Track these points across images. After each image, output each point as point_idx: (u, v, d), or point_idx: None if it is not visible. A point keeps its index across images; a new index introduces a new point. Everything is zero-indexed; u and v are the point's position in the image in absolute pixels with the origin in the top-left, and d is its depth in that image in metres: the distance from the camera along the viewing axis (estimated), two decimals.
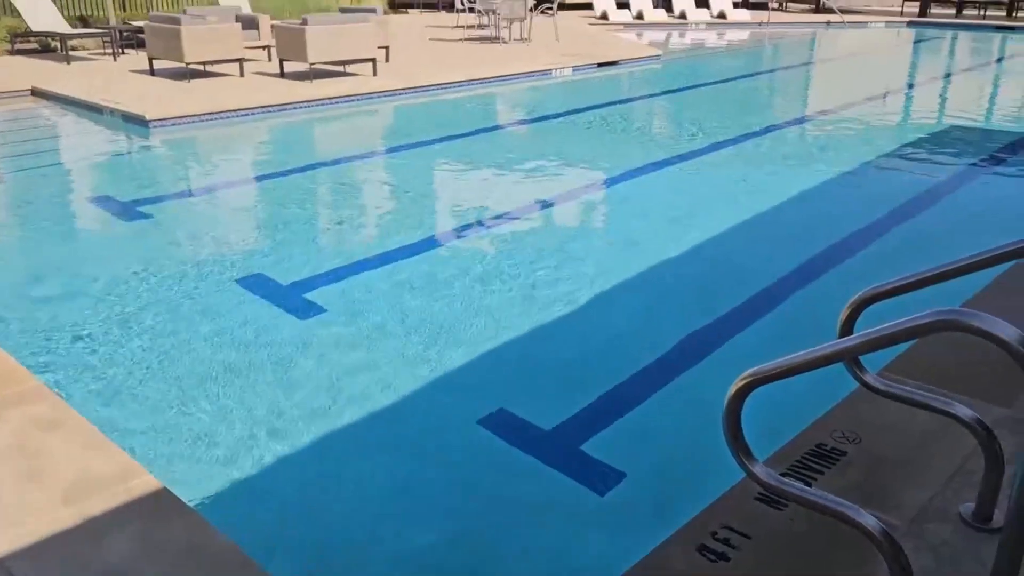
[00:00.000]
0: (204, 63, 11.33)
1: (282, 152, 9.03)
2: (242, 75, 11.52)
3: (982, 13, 22.33)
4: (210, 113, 9.36)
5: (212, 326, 4.33)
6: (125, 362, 3.93)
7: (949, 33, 20.70)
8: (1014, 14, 22.07)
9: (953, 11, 23.08)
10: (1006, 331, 1.61)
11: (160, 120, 8.96)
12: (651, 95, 12.77)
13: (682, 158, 8.28)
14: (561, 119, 10.40)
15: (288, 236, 5.91)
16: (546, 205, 6.79)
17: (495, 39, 16.31)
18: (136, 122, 9.03)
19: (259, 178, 7.93)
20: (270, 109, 9.81)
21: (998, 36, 19.89)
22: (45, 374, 3.69)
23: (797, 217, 6.44)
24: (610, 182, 7.62)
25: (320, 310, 4.51)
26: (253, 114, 9.66)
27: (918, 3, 22.74)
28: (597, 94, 12.22)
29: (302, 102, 10.11)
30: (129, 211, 6.38)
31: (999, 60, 17.31)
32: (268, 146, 9.47)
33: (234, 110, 9.53)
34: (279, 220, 6.38)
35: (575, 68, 13.25)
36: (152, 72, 11.75)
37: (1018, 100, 13.12)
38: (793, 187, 7.16)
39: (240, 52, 11.43)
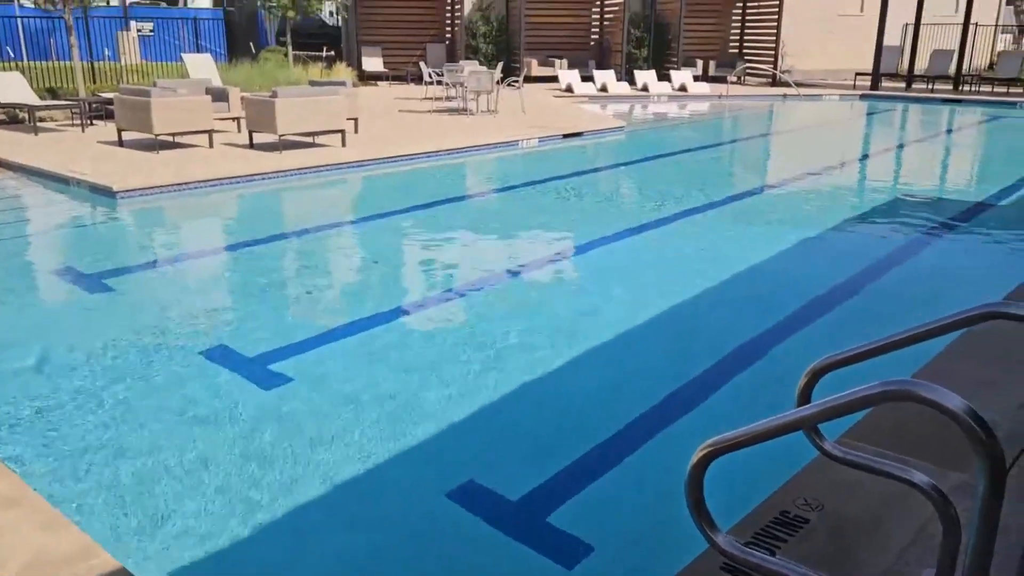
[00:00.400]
0: (173, 134, 11.41)
1: (250, 223, 9.06)
2: (211, 146, 11.61)
3: (930, 87, 23.30)
4: (178, 184, 9.39)
5: (175, 399, 4.28)
6: (85, 438, 3.86)
7: (900, 105, 21.55)
8: (960, 88, 23.07)
9: (903, 84, 24.06)
10: (952, 401, 1.67)
11: (127, 191, 8.97)
12: (616, 165, 13.07)
13: (647, 226, 8.45)
14: (528, 189, 10.59)
15: (254, 307, 5.90)
16: (514, 273, 6.86)
17: (463, 111, 16.65)
18: (103, 193, 9.03)
19: (226, 249, 7.94)
20: (238, 180, 9.87)
21: (946, 108, 20.74)
22: (2, 448, 3.61)
23: (759, 283, 6.58)
24: (577, 250, 7.74)
25: (286, 380, 4.48)
26: (221, 185, 9.71)
27: (870, 77, 23.68)
28: (563, 164, 12.48)
29: (271, 173, 10.20)
30: (93, 283, 6.33)
31: (948, 131, 18.03)
32: (236, 217, 9.50)
33: (203, 181, 9.58)
34: (246, 291, 6.37)
35: (541, 139, 13.54)
36: (121, 143, 11.79)
37: (966, 170, 13.63)
38: (754, 254, 7.32)
39: (209, 124, 11.54)
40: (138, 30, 24.35)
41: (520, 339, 5.22)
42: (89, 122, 13.91)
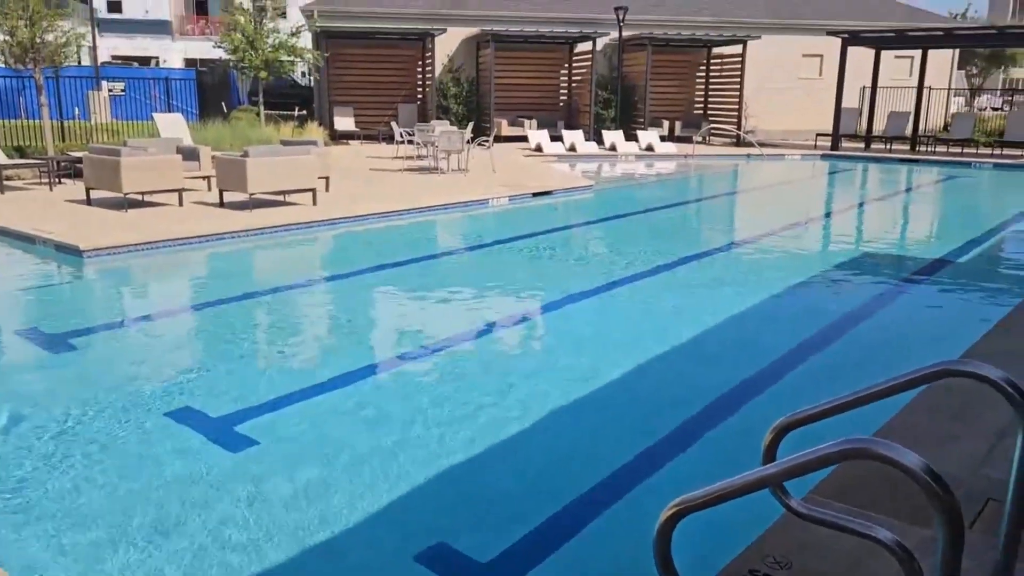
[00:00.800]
0: (142, 193, 11.40)
1: (218, 281, 9.01)
2: (181, 205, 11.60)
3: (888, 147, 24.04)
4: (146, 243, 9.35)
5: (138, 462, 4.20)
6: (47, 502, 3.76)
7: (860, 165, 22.17)
8: (917, 148, 23.83)
9: (862, 145, 24.80)
10: (909, 459, 1.71)
11: (94, 250, 8.90)
12: (585, 223, 13.24)
13: (616, 284, 8.54)
14: (498, 247, 10.68)
15: (221, 367, 5.84)
16: (483, 332, 6.88)
17: (434, 170, 16.84)
18: (70, 252, 8.95)
19: (194, 308, 7.88)
20: (208, 238, 9.85)
21: (904, 168, 21.37)
22: None
23: (727, 340, 6.66)
24: (547, 308, 7.79)
25: (252, 443, 4.43)
26: (190, 244, 9.68)
27: (830, 138, 24.39)
28: (532, 222, 12.62)
29: (240, 231, 10.19)
30: (57, 343, 6.24)
31: (907, 190, 18.55)
32: (204, 276, 9.45)
33: (171, 240, 9.54)
34: (213, 351, 6.31)
35: (511, 197, 13.71)
36: (89, 202, 11.74)
37: (925, 227, 14.01)
38: (722, 311, 7.43)
39: (179, 183, 11.56)
40: (109, 90, 24.45)
41: (490, 399, 5.22)
42: (57, 181, 13.85)
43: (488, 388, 5.41)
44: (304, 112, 28.70)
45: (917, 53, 26.02)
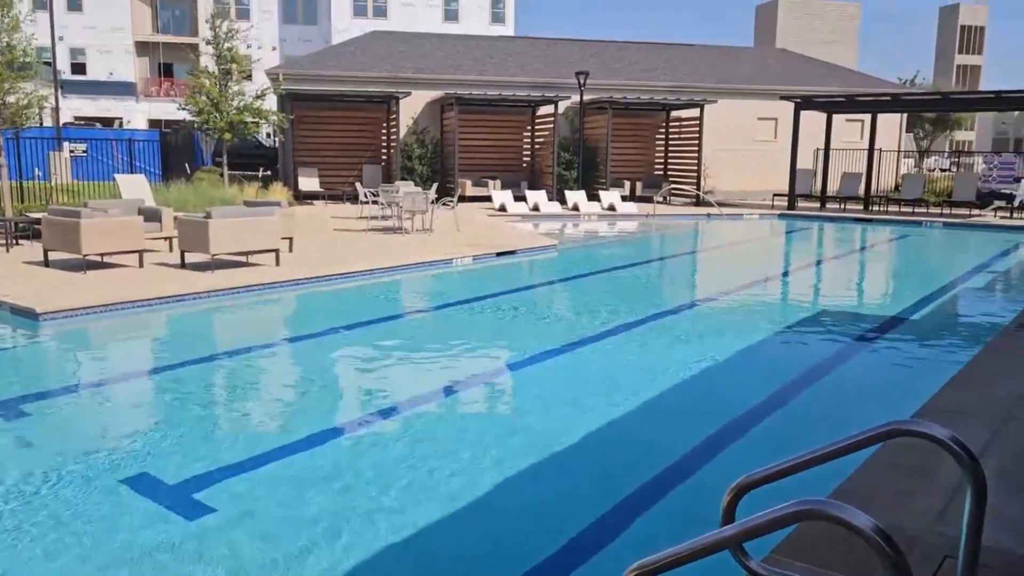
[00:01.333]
0: (102, 255, 11.27)
1: (178, 344, 8.89)
2: (141, 266, 11.49)
3: (842, 206, 24.72)
4: (105, 305, 9.21)
5: (91, 531, 4.08)
6: None
7: (816, 224, 22.73)
8: (869, 208, 24.54)
9: (818, 204, 25.47)
10: (860, 520, 1.75)
11: (51, 313, 8.75)
12: (548, 282, 13.35)
13: (577, 344, 8.59)
14: (462, 307, 10.71)
15: (179, 432, 5.73)
16: (448, 392, 6.86)
17: (398, 230, 16.92)
18: (25, 315, 8.78)
19: (153, 371, 7.75)
20: (168, 300, 9.75)
21: (858, 227, 21.95)
22: None
23: (687, 399, 6.71)
24: (511, 367, 7.80)
25: (209, 510, 4.33)
26: (150, 305, 9.56)
27: (787, 197, 25.03)
28: (496, 282, 12.69)
29: (202, 293, 10.10)
30: (10, 409, 6.09)
31: (861, 248, 19.02)
32: (164, 338, 9.32)
33: (131, 302, 9.42)
34: (172, 415, 6.19)
35: (475, 257, 13.80)
36: (47, 263, 11.58)
37: (881, 285, 14.35)
38: (683, 370, 7.50)
39: (140, 244, 11.47)
40: (71, 151, 24.33)
41: (453, 460, 5.18)
42: (15, 242, 13.66)
43: (452, 449, 5.37)
44: (269, 173, 28.78)
45: (867, 117, 26.99)
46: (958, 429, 4.80)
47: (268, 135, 31.88)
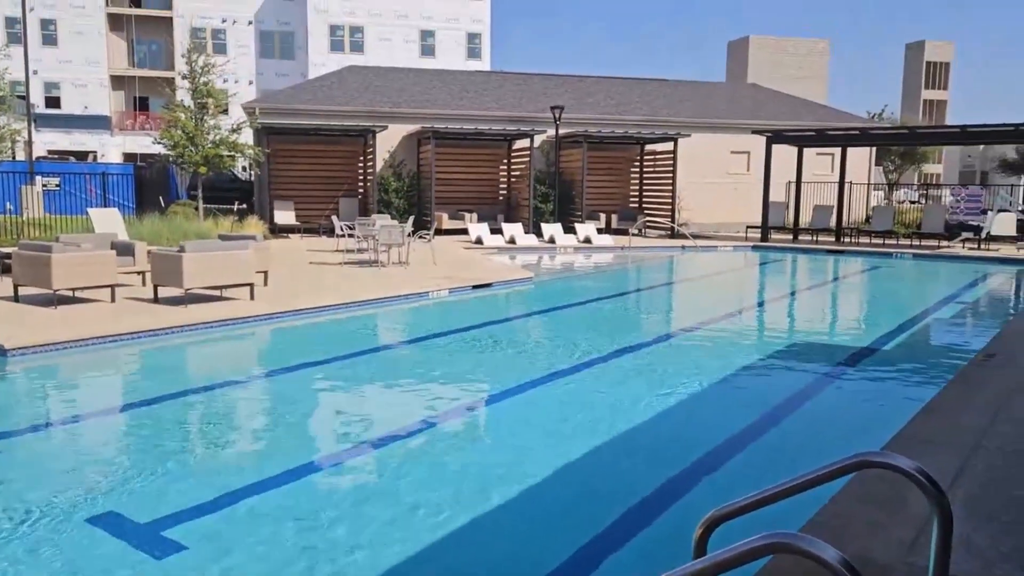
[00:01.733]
0: (73, 289, 11.14)
1: (150, 380, 8.78)
2: (113, 300, 11.37)
3: (815, 238, 25.08)
4: (76, 340, 9.09)
5: (59, 570, 3.99)
6: None
7: (789, 256, 23.02)
8: (841, 239, 24.90)
9: (790, 236, 25.81)
10: (829, 554, 1.77)
11: (20, 348, 8.62)
12: (524, 315, 13.37)
13: (555, 376, 8.59)
14: (438, 340, 10.69)
15: (150, 469, 5.65)
16: (425, 426, 6.82)
17: (374, 263, 16.90)
18: None
19: (124, 408, 7.65)
20: (140, 335, 9.64)
21: (830, 259, 22.26)
22: None
23: (662, 430, 6.73)
24: (486, 401, 7.78)
25: (179, 548, 4.26)
26: (122, 340, 9.45)
27: (760, 229, 25.35)
28: (472, 315, 12.69)
29: (175, 327, 10.00)
30: None
31: (834, 279, 19.27)
32: (136, 374, 9.20)
33: (102, 337, 9.31)
34: (142, 452, 6.10)
35: (451, 290, 13.80)
36: (16, 298, 11.42)
37: (853, 316, 14.52)
38: (658, 401, 7.52)
39: (113, 278, 11.36)
40: (44, 184, 24.13)
41: (429, 495, 5.14)
42: None
43: (427, 484, 5.33)
44: (244, 206, 28.70)
45: (837, 150, 27.51)
46: (928, 459, 4.87)
47: (244, 168, 31.83)
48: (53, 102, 45.59)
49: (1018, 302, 15.09)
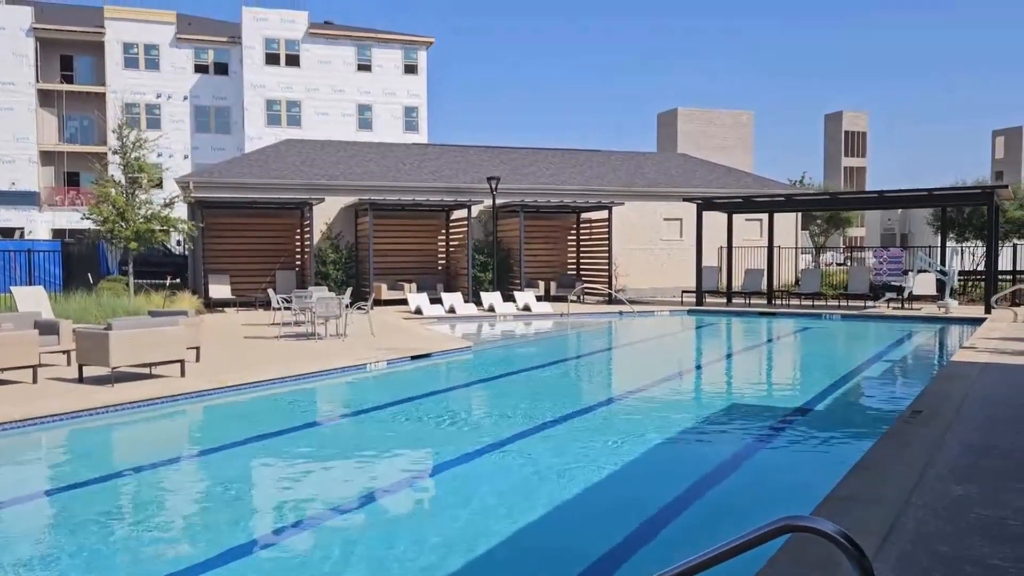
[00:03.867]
0: None
1: (71, 465, 8.37)
2: (35, 382, 10.92)
3: (748, 301, 25.69)
4: None
5: None
6: None
7: (724, 319, 23.49)
8: (772, 301, 25.57)
9: (724, 300, 26.40)
10: None
11: None
12: (464, 385, 13.27)
13: (492, 446, 8.50)
14: (376, 413, 10.51)
15: (66, 561, 5.35)
16: (365, 500, 6.66)
17: (311, 336, 16.66)
18: None
19: (36, 496, 7.26)
20: (61, 418, 9.23)
21: (763, 320, 22.78)
22: None
23: (599, 499, 6.69)
24: (426, 472, 7.64)
25: None
26: (41, 424, 9.04)
27: (695, 293, 25.88)
28: (410, 386, 12.54)
29: (100, 408, 9.62)
30: None
31: (768, 341, 19.69)
32: (52, 459, 8.76)
33: (17, 421, 8.88)
34: (56, 543, 5.78)
35: (390, 362, 13.65)
36: None
37: (787, 376, 14.81)
38: (595, 471, 7.50)
39: (34, 359, 10.94)
40: None
41: (373, 571, 4.99)
42: None
43: (371, 561, 5.17)
44: (178, 280, 28.13)
45: (765, 216, 28.47)
46: (859, 517, 4.94)
47: (178, 243, 31.32)
48: None
49: (942, 359, 15.61)
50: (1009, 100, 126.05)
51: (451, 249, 28.79)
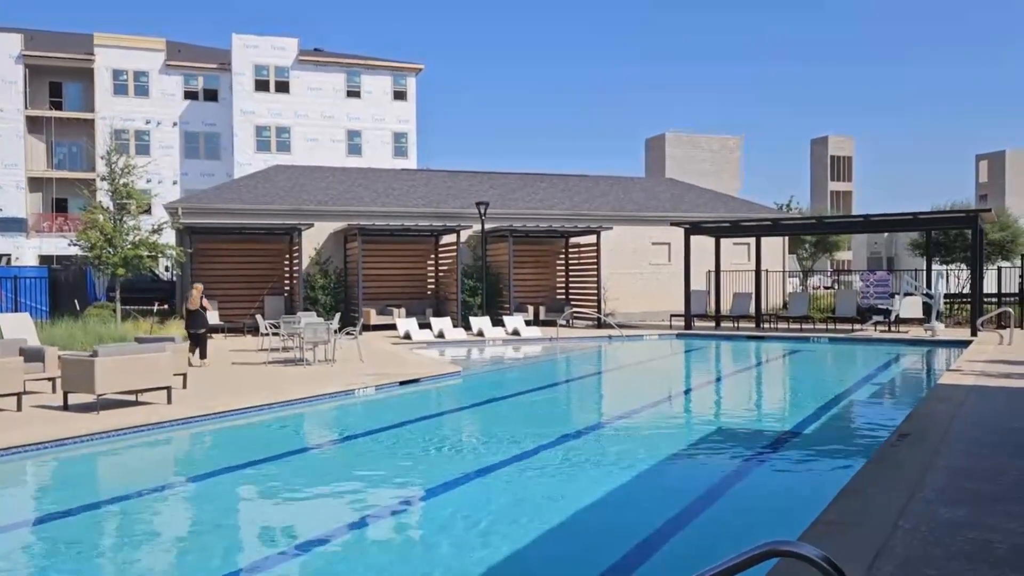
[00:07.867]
0: None
1: (56, 493, 8.28)
2: (19, 409, 10.83)
3: (736, 325, 25.76)
4: None
5: None
6: None
7: (712, 343, 23.53)
8: (761, 325, 25.65)
9: (713, 323, 26.46)
10: None
11: None
12: (453, 410, 13.23)
13: (482, 472, 8.46)
14: (365, 438, 10.45)
15: None
16: (354, 526, 6.61)
17: (300, 361, 16.59)
18: None
19: (19, 525, 7.17)
20: (46, 445, 9.14)
21: (751, 344, 22.84)
22: None
23: (590, 521, 6.67)
24: (416, 499, 7.59)
25: None
26: (24, 452, 8.94)
27: (684, 317, 25.93)
28: (400, 412, 12.49)
29: (84, 436, 9.53)
30: None
31: (756, 364, 19.73)
32: (36, 488, 8.67)
33: (1, 449, 8.79)
34: (51, 571, 5.71)
35: (378, 387, 13.59)
36: None
37: (776, 400, 14.83)
38: (586, 494, 7.47)
39: (19, 386, 10.84)
40: None
41: None
42: None
43: None
44: (165, 307, 27.99)
45: (752, 240, 28.64)
46: (846, 541, 4.94)
47: (166, 269, 31.20)
48: None
49: (929, 382, 15.67)
50: (992, 126, 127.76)
51: (440, 274, 28.81)
